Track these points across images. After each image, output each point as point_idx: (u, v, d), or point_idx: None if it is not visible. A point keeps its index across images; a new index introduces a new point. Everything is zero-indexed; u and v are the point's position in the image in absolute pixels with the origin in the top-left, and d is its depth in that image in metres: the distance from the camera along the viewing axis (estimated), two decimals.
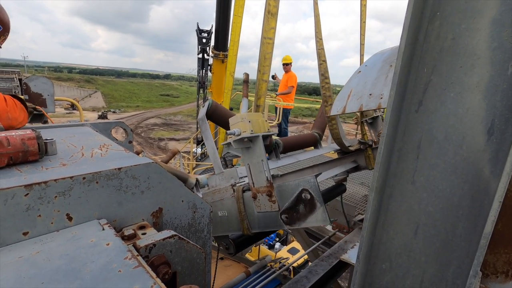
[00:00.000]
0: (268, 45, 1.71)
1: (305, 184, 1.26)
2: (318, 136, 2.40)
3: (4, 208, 0.61)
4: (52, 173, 0.71)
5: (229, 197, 1.53)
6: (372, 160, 2.15)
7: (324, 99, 1.72)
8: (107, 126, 1.45)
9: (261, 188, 1.38)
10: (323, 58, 1.65)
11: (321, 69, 1.66)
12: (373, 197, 0.76)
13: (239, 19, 5.43)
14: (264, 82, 1.76)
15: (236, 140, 1.35)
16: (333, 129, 1.81)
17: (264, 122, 1.47)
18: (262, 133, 1.38)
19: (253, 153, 1.39)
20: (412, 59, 0.69)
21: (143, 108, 59.61)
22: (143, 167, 0.82)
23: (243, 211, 1.47)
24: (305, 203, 1.28)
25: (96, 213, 0.75)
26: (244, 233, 1.51)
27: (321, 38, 1.63)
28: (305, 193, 1.26)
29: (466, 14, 0.62)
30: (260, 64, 1.75)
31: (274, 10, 1.70)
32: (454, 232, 0.67)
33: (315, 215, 1.25)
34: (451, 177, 0.67)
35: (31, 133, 0.79)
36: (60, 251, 0.60)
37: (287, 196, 1.33)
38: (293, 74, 7.93)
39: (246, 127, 1.35)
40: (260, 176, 1.38)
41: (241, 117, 1.39)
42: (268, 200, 1.36)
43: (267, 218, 1.43)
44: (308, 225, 1.30)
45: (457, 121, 0.65)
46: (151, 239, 0.74)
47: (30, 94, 2.55)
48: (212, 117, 1.72)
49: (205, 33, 12.76)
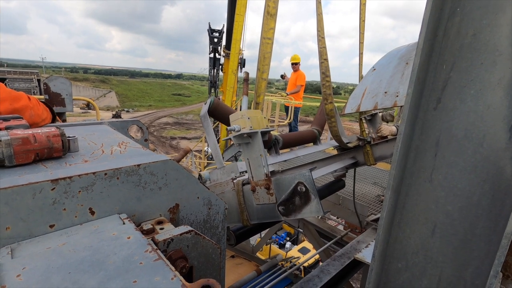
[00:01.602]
0: (267, 45, 1.75)
1: (300, 177, 1.32)
2: (318, 133, 2.44)
3: (33, 201, 0.64)
4: (75, 169, 0.74)
5: (230, 190, 1.60)
6: (371, 156, 2.18)
7: (324, 97, 1.74)
8: (124, 124, 1.49)
9: (259, 182, 1.45)
10: (324, 56, 1.66)
11: (322, 67, 1.68)
12: (389, 195, 0.75)
13: (241, 17, 5.45)
14: (263, 81, 1.81)
15: (236, 135, 1.42)
16: (332, 126, 1.83)
17: (262, 119, 1.53)
18: (260, 129, 1.45)
19: (252, 149, 1.46)
20: (431, 55, 0.68)
21: (156, 107, 60.59)
22: (161, 164, 0.84)
23: (243, 203, 1.54)
24: (300, 196, 1.34)
25: (117, 208, 0.78)
26: (244, 224, 1.58)
27: (323, 37, 1.64)
28: (300, 186, 1.32)
29: (488, 10, 0.60)
30: (260, 63, 1.80)
31: (273, 11, 1.75)
32: (473, 232, 0.66)
33: (310, 206, 1.31)
34: (471, 175, 0.66)
35: (56, 130, 0.82)
36: (84, 243, 0.63)
37: (284, 189, 1.39)
38: (301, 73, 7.91)
39: (245, 124, 1.42)
40: (259, 170, 1.44)
41: (241, 114, 1.45)
42: (266, 193, 1.43)
43: (265, 209, 1.50)
44: (303, 216, 1.35)
45: (477, 118, 0.64)
46: (169, 233, 0.76)
47: (50, 93, 2.64)
48: (214, 114, 1.78)
49: (216, 32, 12.84)
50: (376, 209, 3.88)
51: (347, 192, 4.20)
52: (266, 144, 1.86)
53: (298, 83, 7.78)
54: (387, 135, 2.51)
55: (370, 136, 2.34)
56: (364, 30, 2.22)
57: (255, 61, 1.87)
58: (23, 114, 1.17)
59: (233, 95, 7.45)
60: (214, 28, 12.90)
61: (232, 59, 6.39)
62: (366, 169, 5.56)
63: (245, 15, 5.86)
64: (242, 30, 6.08)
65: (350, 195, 3.89)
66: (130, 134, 1.47)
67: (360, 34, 2.20)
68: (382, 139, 2.31)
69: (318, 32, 1.61)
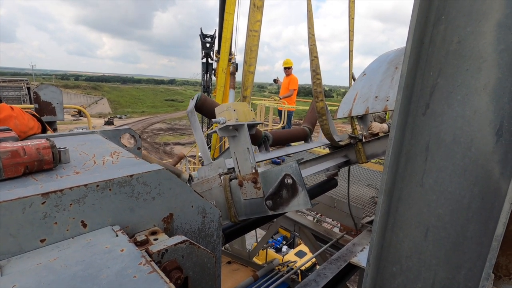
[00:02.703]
0: (254, 38, 1.74)
1: (287, 169, 1.30)
2: (309, 131, 2.44)
3: (23, 216, 0.63)
4: (67, 181, 0.73)
5: (217, 186, 1.57)
6: (363, 154, 2.18)
7: (315, 95, 1.73)
8: (116, 133, 1.47)
9: (246, 176, 1.43)
10: (315, 54, 1.64)
11: (313, 65, 1.66)
12: (382, 200, 0.76)
13: (230, 16, 5.44)
14: (250, 74, 1.78)
15: (221, 128, 1.39)
16: (323, 124, 1.82)
17: (249, 112, 1.50)
18: (247, 122, 1.42)
19: (239, 142, 1.43)
20: (418, 62, 0.69)
21: (148, 113, 60.18)
22: (154, 173, 0.84)
23: (230, 199, 1.52)
24: (287, 188, 1.32)
25: (109, 220, 0.76)
26: (232, 220, 1.55)
27: (313, 34, 1.64)
28: (287, 178, 1.30)
29: (471, 17, 0.62)
30: (247, 56, 1.78)
31: (260, 3, 1.75)
32: (464, 234, 0.67)
33: (297, 199, 1.29)
34: (460, 179, 0.67)
35: (46, 142, 0.81)
36: (76, 258, 0.62)
37: (271, 182, 1.37)
38: (294, 77, 7.99)
39: (231, 116, 1.39)
40: (246, 163, 1.42)
41: (227, 106, 1.42)
42: (253, 187, 1.41)
43: (253, 205, 1.47)
44: (291, 209, 1.33)
45: (465, 123, 0.65)
46: (163, 244, 0.75)
47: (40, 102, 2.61)
48: (201, 110, 1.76)
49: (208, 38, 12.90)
50: (371, 211, 3.91)
51: (341, 195, 4.23)
52: (255, 141, 1.85)
53: (291, 87, 7.85)
54: (378, 133, 2.52)
55: (361, 134, 2.35)
56: (353, 27, 2.25)
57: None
58: (8, 124, 1.15)
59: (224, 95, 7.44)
60: (206, 33, 12.96)
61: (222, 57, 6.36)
62: (360, 171, 5.61)
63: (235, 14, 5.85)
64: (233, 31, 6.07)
65: (344, 198, 3.92)
66: (122, 143, 1.46)
67: (350, 31, 2.22)
68: (374, 136, 2.32)
69: (308, 29, 1.61)
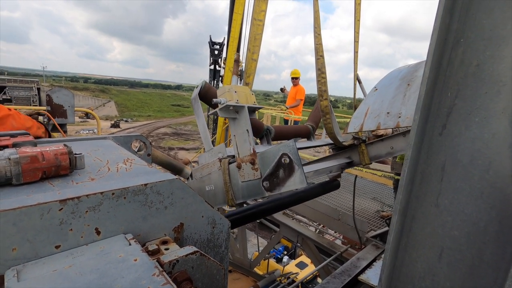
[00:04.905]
0: (259, 27, 1.83)
1: (284, 148, 1.31)
2: (312, 129, 2.46)
3: (40, 222, 0.63)
4: (83, 188, 0.74)
5: (216, 170, 1.61)
6: (366, 155, 2.17)
7: (319, 93, 1.75)
8: (128, 139, 1.49)
9: (245, 158, 1.45)
10: (320, 53, 1.68)
11: (318, 64, 1.69)
12: (396, 219, 0.75)
13: (239, 16, 5.54)
14: (253, 61, 1.86)
15: (222, 108, 1.42)
16: (327, 123, 1.82)
17: (251, 95, 1.53)
18: (247, 105, 1.45)
19: (239, 124, 1.47)
20: (436, 83, 0.70)
21: (155, 117, 60.73)
22: (167, 183, 0.84)
23: (228, 182, 1.55)
24: (284, 167, 1.33)
25: (122, 228, 0.77)
26: (229, 204, 1.58)
27: (320, 34, 1.67)
28: (284, 157, 1.31)
29: (491, 42, 0.63)
30: (250, 44, 1.87)
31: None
32: (481, 258, 0.66)
33: (293, 177, 1.30)
34: (477, 201, 0.67)
35: (64, 148, 0.83)
36: (91, 266, 0.62)
37: (269, 163, 1.38)
38: (301, 88, 8.05)
39: (232, 97, 1.43)
40: (245, 145, 1.45)
41: (228, 88, 1.46)
42: (251, 168, 1.44)
43: (250, 187, 1.50)
44: (287, 188, 1.33)
45: (483, 145, 0.65)
46: (174, 255, 0.75)
47: (52, 105, 2.65)
48: (204, 98, 1.80)
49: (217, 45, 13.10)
50: (376, 225, 3.86)
51: (346, 207, 4.19)
52: (258, 133, 1.89)
53: (298, 97, 7.90)
54: (382, 134, 2.51)
55: (365, 135, 2.33)
56: (359, 29, 2.28)
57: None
58: (5, 123, 1.20)
59: None
60: (215, 40, 13.16)
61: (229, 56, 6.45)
62: (366, 183, 5.56)
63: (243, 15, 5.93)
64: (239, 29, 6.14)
65: (349, 210, 3.88)
66: (133, 149, 1.48)
67: (355, 33, 2.24)
68: (378, 138, 2.30)
69: (315, 29, 1.65)
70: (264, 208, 1.94)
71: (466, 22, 0.64)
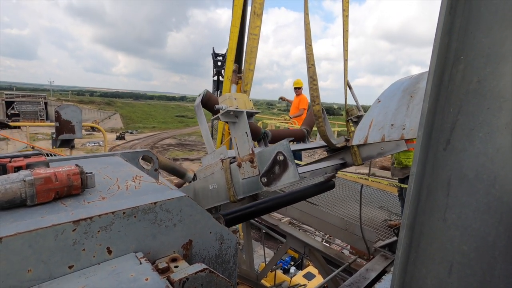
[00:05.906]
0: (254, 40, 2.07)
1: (279, 147, 1.45)
2: (306, 132, 2.60)
3: (55, 243, 0.65)
4: (94, 208, 0.76)
5: (219, 170, 1.76)
6: (358, 156, 2.29)
7: (312, 99, 1.89)
8: (135, 155, 1.52)
9: (245, 157, 1.61)
10: (312, 62, 1.80)
11: (310, 72, 1.81)
12: (404, 234, 0.76)
13: (235, 29, 5.69)
14: (250, 71, 2.09)
15: (223, 113, 1.60)
16: (320, 126, 1.93)
17: (249, 102, 1.72)
18: (246, 110, 1.64)
19: (238, 127, 1.65)
20: (438, 99, 0.71)
21: (159, 129, 61.27)
22: (176, 200, 0.86)
23: (230, 180, 1.69)
24: (279, 164, 1.46)
25: (133, 246, 0.78)
26: (231, 199, 1.72)
27: (310, 44, 1.80)
28: (279, 155, 1.45)
29: (490, 59, 0.64)
30: (247, 56, 2.07)
31: (259, 11, 2.09)
32: (492, 273, 0.66)
33: (287, 173, 1.43)
34: (484, 216, 0.67)
35: (76, 168, 0.85)
36: (103, 286, 0.63)
37: (266, 161, 1.53)
38: (304, 97, 8.11)
39: (232, 103, 1.62)
40: (244, 146, 1.62)
41: (228, 95, 1.65)
42: (250, 166, 1.59)
43: (250, 183, 1.64)
44: (283, 182, 1.46)
45: (487, 160, 0.66)
46: (184, 273, 0.76)
47: (61, 121, 2.71)
48: (206, 105, 1.95)
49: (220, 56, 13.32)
50: (384, 235, 3.80)
51: (353, 217, 4.14)
52: (255, 137, 2.04)
53: (301, 107, 7.95)
54: None
55: None
56: (347, 39, 2.38)
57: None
58: None
59: None
60: (218, 52, 13.39)
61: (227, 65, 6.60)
62: (372, 192, 5.51)
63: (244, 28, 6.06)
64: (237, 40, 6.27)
65: (356, 220, 3.83)
66: (140, 165, 1.50)
67: (344, 43, 2.35)
68: None
69: (306, 40, 1.79)
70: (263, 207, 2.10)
71: (465, 41, 0.66)
